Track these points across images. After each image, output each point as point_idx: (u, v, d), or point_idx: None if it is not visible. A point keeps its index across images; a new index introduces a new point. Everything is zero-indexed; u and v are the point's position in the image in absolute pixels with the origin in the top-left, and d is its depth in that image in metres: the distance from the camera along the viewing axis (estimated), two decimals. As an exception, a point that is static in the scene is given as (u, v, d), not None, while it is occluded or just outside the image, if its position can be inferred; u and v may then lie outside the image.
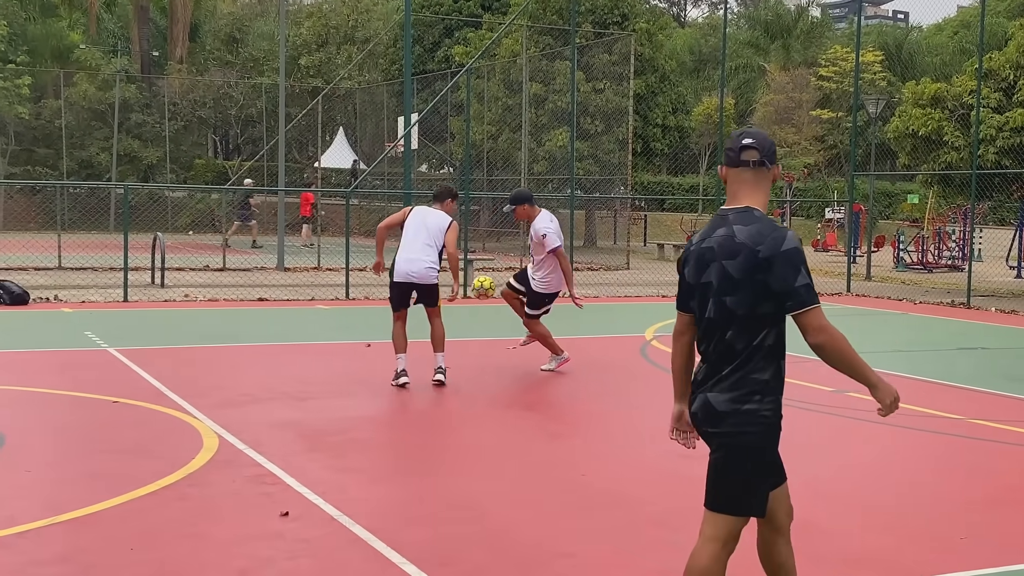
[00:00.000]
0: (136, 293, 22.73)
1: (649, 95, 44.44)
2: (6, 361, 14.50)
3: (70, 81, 53.56)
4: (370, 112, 55.29)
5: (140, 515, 7.69)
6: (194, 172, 57.12)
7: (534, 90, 41.49)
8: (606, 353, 16.57)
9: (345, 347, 16.41)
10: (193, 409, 11.24)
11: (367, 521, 7.61)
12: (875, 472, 9.58)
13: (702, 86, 69.18)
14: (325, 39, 58.12)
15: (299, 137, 55.05)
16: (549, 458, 9.82)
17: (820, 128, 59.48)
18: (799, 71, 62.28)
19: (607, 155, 41.09)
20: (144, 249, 26.69)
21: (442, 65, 49.27)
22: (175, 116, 55.18)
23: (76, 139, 52.65)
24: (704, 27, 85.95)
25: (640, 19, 44.83)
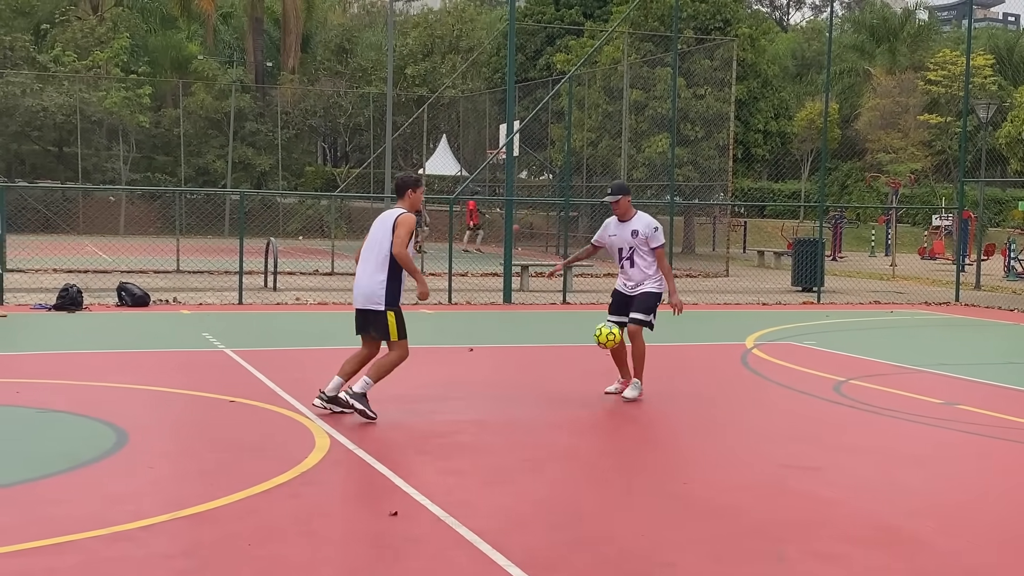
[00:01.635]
0: (250, 296, 23.36)
1: (751, 100, 44.53)
2: (128, 361, 14.91)
3: (188, 91, 54.59)
4: (473, 120, 55.74)
5: (256, 512, 7.84)
6: (304, 179, 57.98)
7: (634, 97, 41.73)
8: (706, 361, 16.64)
9: (448, 351, 16.55)
10: (305, 409, 11.49)
11: (473, 523, 7.64)
12: (986, 488, 9.31)
13: (805, 91, 68.68)
14: (430, 49, 58.65)
15: (404, 145, 55.61)
16: (651, 466, 9.87)
17: (927, 133, 58.82)
18: (906, 75, 61.50)
19: (707, 161, 41.19)
20: (257, 253, 27.39)
21: (543, 73, 49.65)
22: (287, 125, 56.01)
23: (193, 147, 53.71)
24: (807, 31, 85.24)
25: (742, 24, 44.89)
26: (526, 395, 13.09)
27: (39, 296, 22.08)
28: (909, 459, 10.20)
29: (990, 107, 37.80)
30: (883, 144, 58.39)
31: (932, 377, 15.24)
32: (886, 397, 13.36)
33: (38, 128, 50.57)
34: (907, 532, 7.83)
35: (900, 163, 56.62)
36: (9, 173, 50.53)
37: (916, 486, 9.24)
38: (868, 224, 58.17)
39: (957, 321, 23.46)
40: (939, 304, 26.84)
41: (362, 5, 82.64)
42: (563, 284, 25.80)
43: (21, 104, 49.22)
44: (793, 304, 26.34)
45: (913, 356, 17.33)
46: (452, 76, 53.01)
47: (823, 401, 13.11)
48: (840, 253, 47.96)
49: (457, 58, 56.30)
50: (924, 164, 58.25)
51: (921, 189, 60.04)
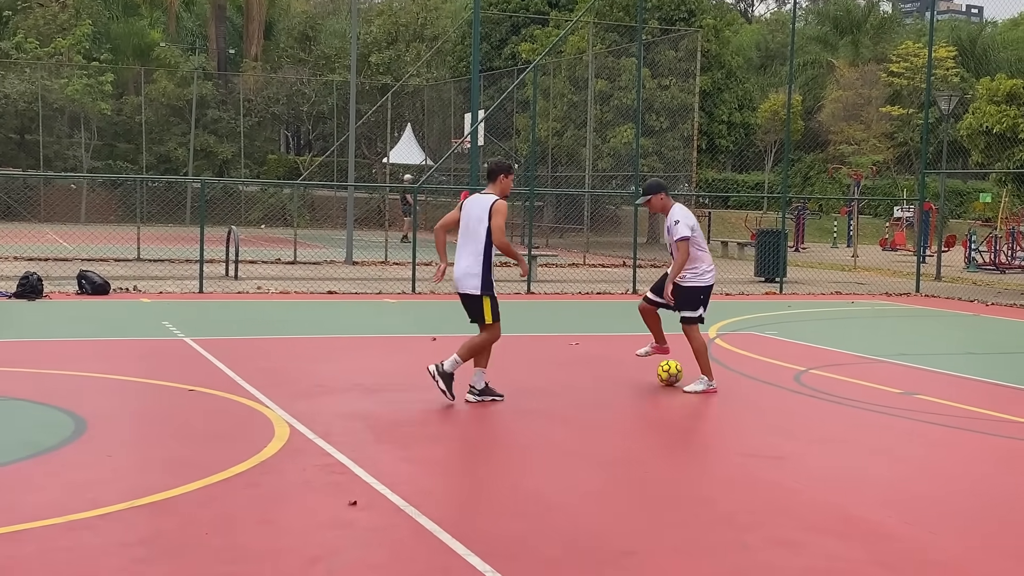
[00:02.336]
0: (211, 285, 23.24)
1: (715, 91, 44.63)
2: (88, 349, 14.89)
3: (150, 78, 54.40)
4: (437, 109, 55.72)
5: (215, 501, 7.84)
6: (267, 167, 57.83)
7: (599, 87, 41.80)
8: (670, 350, 16.81)
9: (412, 340, 16.52)
10: (265, 398, 11.43)
11: (434, 513, 7.63)
12: (946, 477, 9.37)
13: (769, 82, 68.92)
14: (395, 37, 58.53)
15: (368, 133, 55.54)
16: (614, 455, 9.78)
17: (890, 125, 59.05)
18: (869, 67, 61.75)
19: (672, 152, 41.29)
20: (219, 242, 27.32)
21: (508, 62, 49.66)
22: (249, 112, 55.89)
23: (155, 134, 53.50)
24: (771, 23, 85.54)
25: (707, 15, 45.00)
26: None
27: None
28: (870, 449, 10.26)
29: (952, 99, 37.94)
30: (846, 136, 58.60)
31: (892, 367, 15.31)
32: (847, 387, 13.41)
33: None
34: (868, 521, 7.86)
35: (862, 155, 56.86)
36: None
37: (877, 475, 9.29)
38: (830, 215, 58.38)
39: (917, 312, 23.59)
40: (900, 295, 26.96)
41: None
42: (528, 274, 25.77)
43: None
44: (756, 294, 26.41)
45: (874, 346, 17.41)
46: (416, 64, 52.93)
47: (785, 391, 13.16)
48: (803, 244, 48.12)
49: (422, 46, 56.21)
50: (886, 156, 58.49)
51: (883, 181, 60.31)
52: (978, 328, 21.13)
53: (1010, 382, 14.32)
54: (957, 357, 16.62)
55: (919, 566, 7.01)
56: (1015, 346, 18.90)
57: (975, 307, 24.75)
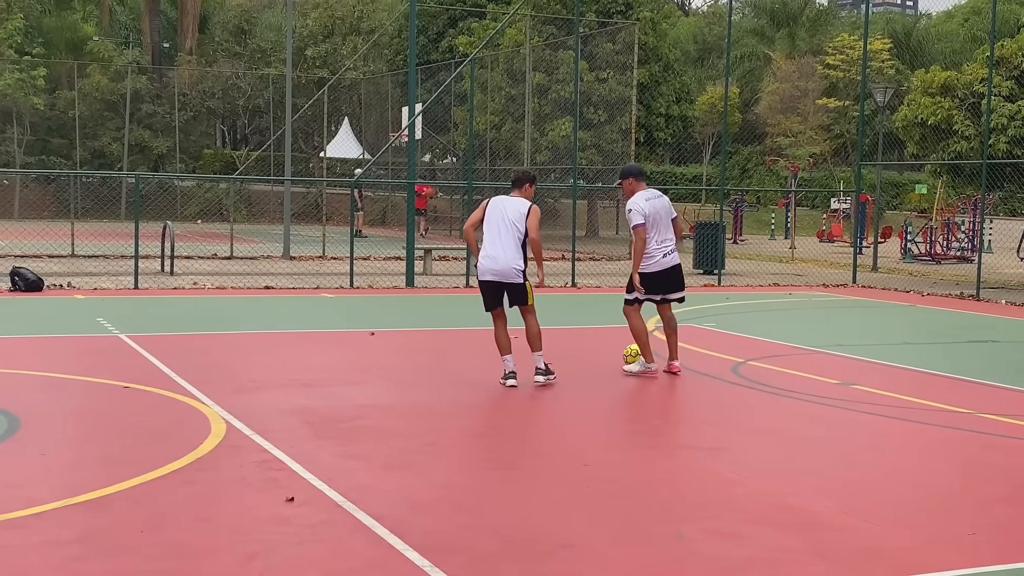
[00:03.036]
0: (146, 281, 23.08)
1: (653, 84, 44.68)
2: (21, 346, 14.80)
3: (83, 72, 53.94)
4: (375, 102, 55.57)
5: (151, 498, 7.80)
6: (203, 162, 57.54)
7: (537, 80, 41.77)
8: (608, 344, 16.39)
9: (350, 335, 16.56)
10: (201, 395, 11.39)
11: (372, 508, 7.63)
12: (883, 467, 9.40)
13: (706, 75, 69.22)
14: (331, 30, 58.33)
15: (305, 127, 55.36)
16: (552, 448, 9.84)
17: (826, 117, 59.41)
18: (805, 59, 62.04)
19: (610, 145, 41.33)
20: (154, 237, 27.08)
21: (446, 55, 49.53)
22: (184, 107, 55.56)
23: (89, 129, 53.08)
24: (708, 15, 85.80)
25: (644, 8, 44.95)
26: (428, 379, 13.08)
27: (-70, 281, 21.76)
28: (807, 439, 10.34)
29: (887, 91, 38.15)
30: (783, 128, 58.89)
31: (829, 358, 15.41)
32: (784, 378, 13.48)
33: (-71, 110, 49.81)
34: (806, 511, 7.90)
35: (799, 147, 57.10)
36: (-101, 157, 49.72)
37: (814, 466, 9.35)
38: (768, 207, 58.67)
39: (854, 303, 23.75)
40: (837, 286, 27.13)
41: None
42: (466, 268, 25.78)
43: (-89, 86, 48.41)
44: (694, 286, 26.33)
45: (811, 337, 17.52)
46: (353, 58, 52.76)
47: (723, 382, 13.21)
48: (741, 236, 48.32)
49: (358, 40, 56.03)
50: (823, 148, 58.80)
51: (820, 172, 60.66)
52: (914, 318, 21.28)
53: (945, 372, 14.40)
54: (894, 347, 16.76)
55: (857, 554, 7.02)
56: (950, 336, 19.02)
57: (911, 298, 24.90)
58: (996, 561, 6.98)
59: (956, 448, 10.31)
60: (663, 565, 6.78)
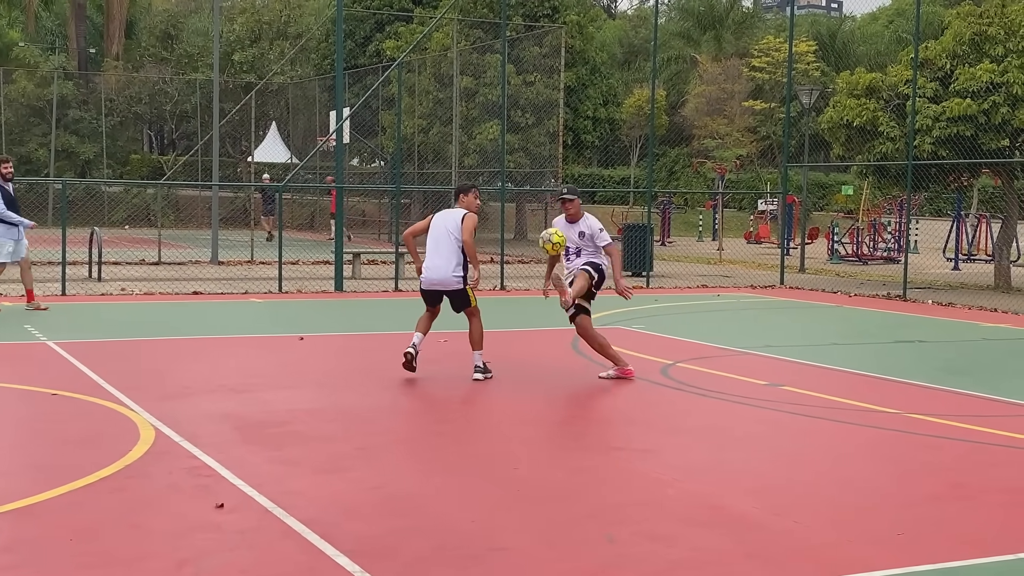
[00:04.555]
0: (73, 287, 22.89)
1: (580, 87, 44.84)
2: (-54, 356, 14.63)
3: (9, 78, 53.46)
4: (302, 107, 55.45)
5: (79, 506, 7.74)
6: (130, 167, 57.17)
7: (465, 83, 41.78)
8: (536, 346, 16.78)
9: (279, 340, 16.46)
10: (130, 401, 11.30)
11: (303, 513, 7.62)
12: (811, 467, 9.50)
13: (633, 78, 69.41)
14: (258, 35, 58.11)
15: (233, 132, 55.15)
16: (483, 451, 9.84)
17: (752, 119, 59.80)
18: (731, 62, 62.41)
19: (538, 148, 41.44)
20: (81, 243, 26.88)
21: (373, 59, 49.47)
22: (111, 112, 55.16)
23: (15, 135, 52.64)
24: (634, 19, 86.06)
25: (570, 11, 45.12)
26: (358, 383, 13.07)
27: None
28: (737, 440, 10.38)
29: (813, 93, 38.48)
30: (709, 130, 59.25)
31: (758, 359, 15.51)
32: (713, 379, 13.56)
33: None
34: (736, 512, 7.95)
35: (726, 149, 57.46)
36: None
37: (744, 466, 9.39)
38: (695, 209, 58.97)
39: (782, 304, 23.90)
40: (765, 287, 27.30)
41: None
42: (395, 271, 25.78)
43: None
44: (623, 289, 26.52)
45: (739, 339, 17.60)
46: (280, 62, 52.58)
47: (652, 384, 13.26)
48: (668, 238, 48.56)
49: (285, 44, 55.83)
50: (749, 150, 59.17)
51: (746, 174, 61.09)
52: (842, 319, 21.42)
53: (873, 372, 14.53)
54: (821, 348, 16.87)
55: (786, 554, 7.07)
56: (878, 336, 19.15)
57: (839, 298, 25.07)
58: (925, 560, 7.02)
59: (884, 448, 10.37)
60: (594, 568, 6.77)
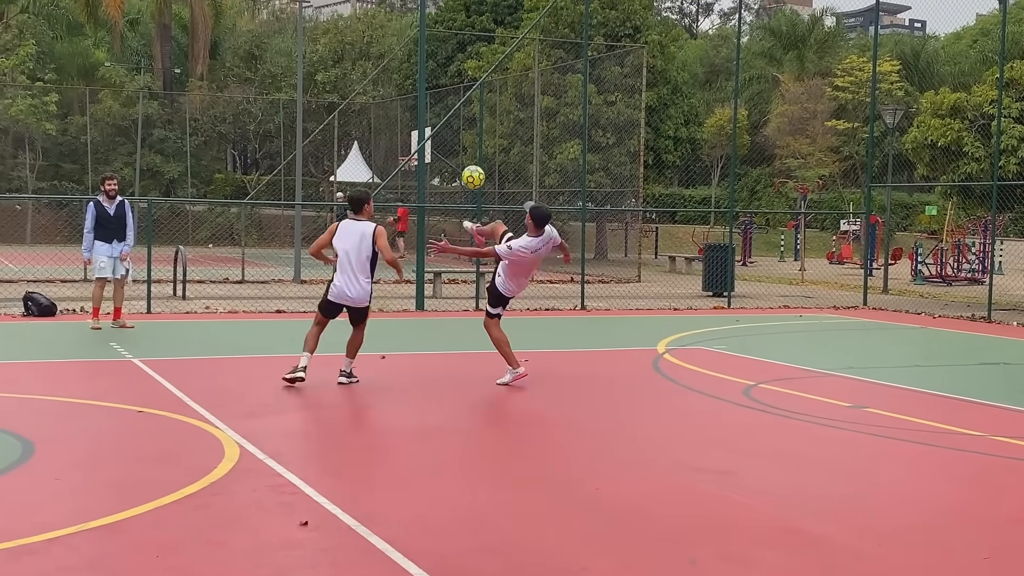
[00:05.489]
0: (158, 305, 23.09)
1: (661, 107, 44.78)
2: (35, 371, 14.82)
3: (95, 98, 54.09)
4: (384, 126, 55.72)
5: (164, 523, 7.79)
6: (214, 186, 57.71)
7: (546, 103, 41.84)
8: (619, 366, 16.74)
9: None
10: (214, 419, 11.41)
11: (384, 531, 7.64)
12: (893, 489, 9.42)
13: (714, 97, 69.23)
14: (341, 55, 58.50)
15: (315, 151, 55.49)
16: (563, 471, 9.80)
17: (835, 139, 59.29)
18: (814, 81, 61.94)
19: (618, 167, 41.38)
20: (166, 262, 27.16)
21: (455, 79, 49.69)
22: (196, 131, 55.68)
23: (101, 154, 53.22)
24: (716, 38, 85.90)
25: (652, 31, 45.08)
26: (438, 402, 13.09)
27: (-57, 306, 21.76)
28: (817, 462, 10.32)
29: (896, 113, 38.12)
30: (792, 150, 58.85)
31: (840, 380, 15.41)
32: (795, 401, 13.49)
33: (-59, 136, 49.96)
34: (816, 534, 7.91)
35: (808, 168, 57.06)
36: (-88, 182, 49.84)
37: (824, 488, 9.34)
38: (777, 229, 58.69)
39: (865, 325, 23.69)
40: (847, 308, 27.09)
41: (271, 11, 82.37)
42: (475, 291, 25.87)
43: (-76, 112, 48.58)
44: (704, 309, 26.50)
45: (821, 360, 17.50)
46: (363, 83, 52.91)
47: (733, 405, 13.21)
48: (750, 258, 48.32)
49: (368, 64, 56.19)
50: (832, 169, 58.71)
51: (829, 194, 60.65)
52: (925, 340, 21.22)
53: (957, 394, 14.41)
54: (905, 370, 16.72)
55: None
56: (962, 358, 18.98)
57: (922, 320, 24.84)
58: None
59: (967, 470, 10.29)
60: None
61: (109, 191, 19.42)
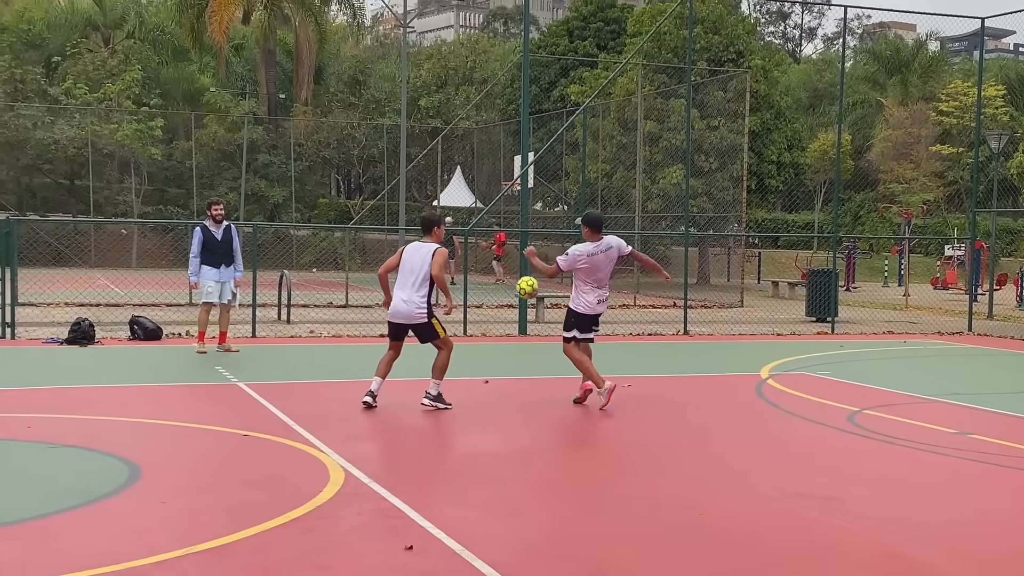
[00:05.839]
0: (263, 329, 23.37)
1: (764, 132, 44.59)
2: (141, 394, 15.01)
3: (200, 123, 54.74)
4: (487, 151, 55.93)
5: (270, 547, 7.89)
6: (318, 211, 58.18)
7: (648, 128, 41.83)
8: (722, 391, 16.73)
9: (463, 383, 16.47)
10: (319, 443, 11.49)
11: (488, 555, 7.69)
12: (998, 517, 9.38)
13: (818, 122, 68.78)
14: (444, 80, 58.84)
15: (418, 176, 55.79)
16: (667, 496, 9.80)
17: (940, 164, 58.75)
18: (918, 106, 61.43)
19: (721, 192, 41.29)
20: (271, 286, 27.45)
21: (558, 104, 49.84)
22: (300, 156, 56.13)
23: (206, 179, 53.81)
24: (819, 63, 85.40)
25: (755, 56, 44.96)
26: (541, 427, 13.18)
27: (51, 330, 22.12)
28: (922, 488, 10.27)
29: (1001, 138, 37.72)
30: (896, 175, 58.30)
31: (945, 407, 15.30)
32: (900, 427, 13.40)
33: (50, 161, 50.67)
34: (920, 560, 7.88)
35: (913, 193, 56.49)
36: (20, 207, 50.57)
37: (929, 515, 9.32)
38: (881, 254, 58.16)
39: (970, 351, 23.48)
40: (952, 334, 26.84)
41: (375, 37, 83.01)
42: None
43: (32, 137, 49.30)
44: (807, 334, 26.35)
45: (926, 386, 17.38)
46: (466, 107, 53.17)
47: (838, 431, 13.15)
48: (854, 283, 47.96)
49: (471, 89, 56.48)
50: (936, 194, 58.10)
51: (933, 219, 59.99)
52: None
53: (1065, 422, 14.17)
54: (1011, 396, 16.54)
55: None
56: (1070, 385, 18.69)
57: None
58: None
59: (1077, 500, 10.12)
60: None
61: (216, 216, 19.68)
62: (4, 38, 58.79)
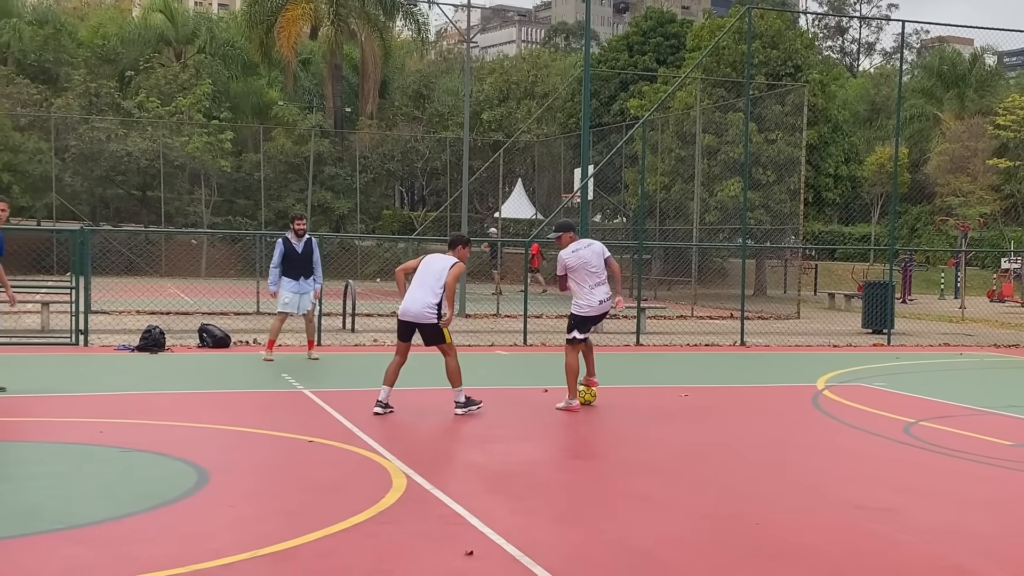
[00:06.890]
0: (329, 338, 23.64)
1: (821, 145, 44.66)
2: (210, 401, 15.31)
3: (268, 136, 55.09)
4: (547, 164, 56.04)
5: (334, 551, 7.98)
6: (382, 222, 58.41)
7: (707, 141, 41.95)
8: (778, 402, 16.83)
9: (524, 392, 16.80)
10: (382, 449, 11.67)
11: (547, 562, 7.75)
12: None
13: (875, 135, 68.57)
14: (506, 94, 58.98)
15: (480, 188, 55.88)
16: (724, 507, 9.75)
17: (997, 177, 58.43)
18: (975, 120, 61.04)
19: (779, 205, 41.32)
20: (336, 296, 27.76)
21: (617, 118, 50.02)
22: (365, 169, 56.31)
23: (273, 191, 54.14)
24: (877, 77, 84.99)
25: (813, 70, 45.02)
26: (599, 435, 13.33)
27: (123, 337, 22.48)
28: (980, 501, 10.32)
29: (1058, 151, 37.65)
30: (952, 188, 58.01)
31: (1002, 419, 15.35)
32: (956, 439, 13.47)
33: (122, 172, 51.19)
34: (980, 572, 7.97)
35: (969, 206, 56.16)
36: (94, 217, 51.31)
37: (987, 528, 9.35)
38: (937, 267, 57.93)
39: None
40: (1008, 346, 26.87)
41: (439, 52, 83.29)
42: (636, 326, 26.09)
43: (106, 149, 49.83)
44: (863, 346, 26.44)
45: (983, 398, 17.41)
46: (527, 121, 53.38)
47: (894, 443, 13.23)
48: (910, 295, 47.83)
49: (532, 103, 56.65)
50: (993, 207, 57.71)
51: (990, 232, 59.69)
52: (1088, 380, 20.84)
53: (1120, 435, 14.17)
54: (1064, 409, 16.49)
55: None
56: None
57: (1086, 359, 24.41)
58: None
59: None
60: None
61: (298, 230, 20.29)
62: (79, 53, 59.44)
